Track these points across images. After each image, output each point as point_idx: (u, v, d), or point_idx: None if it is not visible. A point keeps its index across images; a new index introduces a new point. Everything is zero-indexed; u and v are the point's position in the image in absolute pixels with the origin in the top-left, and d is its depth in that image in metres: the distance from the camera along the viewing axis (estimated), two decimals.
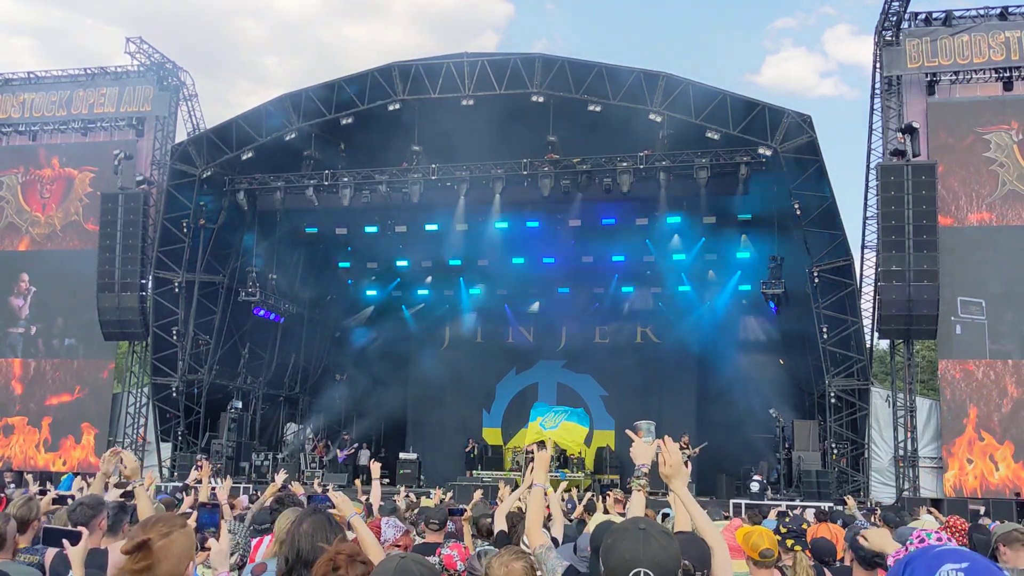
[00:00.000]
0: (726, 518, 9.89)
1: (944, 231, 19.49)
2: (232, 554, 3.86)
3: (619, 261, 25.32)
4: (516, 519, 5.49)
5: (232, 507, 7.56)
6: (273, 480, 7.96)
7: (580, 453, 23.27)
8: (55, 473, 22.53)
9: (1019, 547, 4.64)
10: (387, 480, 20.98)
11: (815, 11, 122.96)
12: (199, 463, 21.41)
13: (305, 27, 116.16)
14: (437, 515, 6.30)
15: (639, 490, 3.50)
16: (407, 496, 12.65)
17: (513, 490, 6.88)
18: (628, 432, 3.56)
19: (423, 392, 28.89)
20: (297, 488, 8.93)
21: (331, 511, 5.78)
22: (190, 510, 5.96)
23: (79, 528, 2.52)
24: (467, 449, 25.87)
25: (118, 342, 25.21)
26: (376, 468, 7.47)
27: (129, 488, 5.20)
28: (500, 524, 5.46)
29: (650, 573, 2.38)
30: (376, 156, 22.63)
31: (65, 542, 3.07)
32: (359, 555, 2.48)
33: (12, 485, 16.34)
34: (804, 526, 7.62)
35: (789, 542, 5.08)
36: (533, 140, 21.26)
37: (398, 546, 4.58)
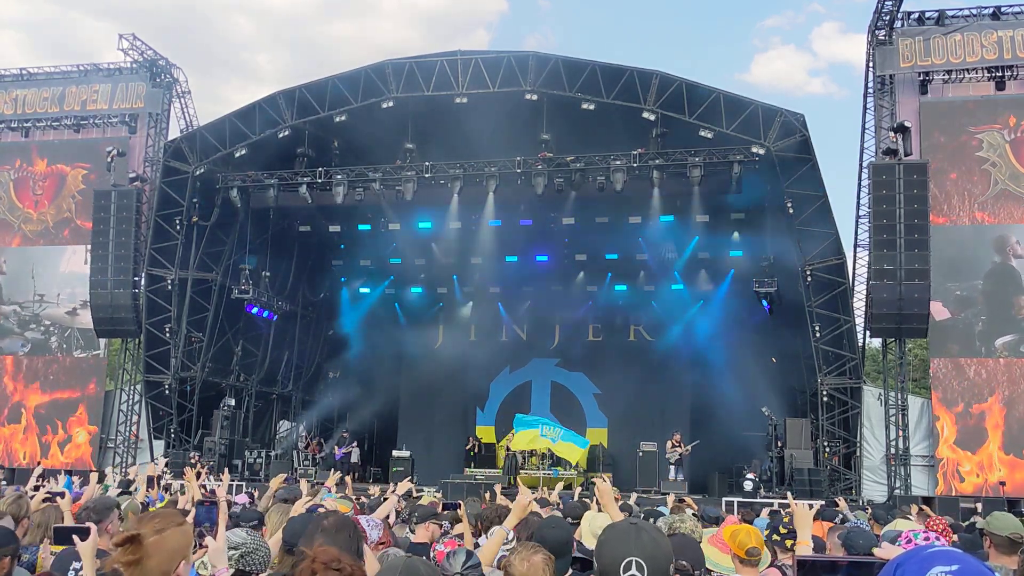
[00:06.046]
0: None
1: (936, 230, 19.55)
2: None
3: (612, 259, 25.38)
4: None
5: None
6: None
7: (576, 464, 22.81)
8: (48, 471, 22.44)
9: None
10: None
11: (804, 8, 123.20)
12: (192, 459, 21.49)
13: (297, 24, 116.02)
14: (423, 511, 6.34)
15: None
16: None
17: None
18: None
19: (416, 390, 28.81)
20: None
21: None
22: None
23: (88, 524, 2.64)
24: (468, 447, 25.86)
25: (111, 339, 25.16)
26: (404, 487, 7.31)
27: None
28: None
29: (642, 563, 2.40)
30: (369, 154, 22.58)
31: (75, 538, 3.24)
32: (335, 562, 2.49)
33: (4, 483, 16.29)
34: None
35: (789, 542, 5.07)
36: (526, 138, 21.24)
37: (382, 543, 4.60)
